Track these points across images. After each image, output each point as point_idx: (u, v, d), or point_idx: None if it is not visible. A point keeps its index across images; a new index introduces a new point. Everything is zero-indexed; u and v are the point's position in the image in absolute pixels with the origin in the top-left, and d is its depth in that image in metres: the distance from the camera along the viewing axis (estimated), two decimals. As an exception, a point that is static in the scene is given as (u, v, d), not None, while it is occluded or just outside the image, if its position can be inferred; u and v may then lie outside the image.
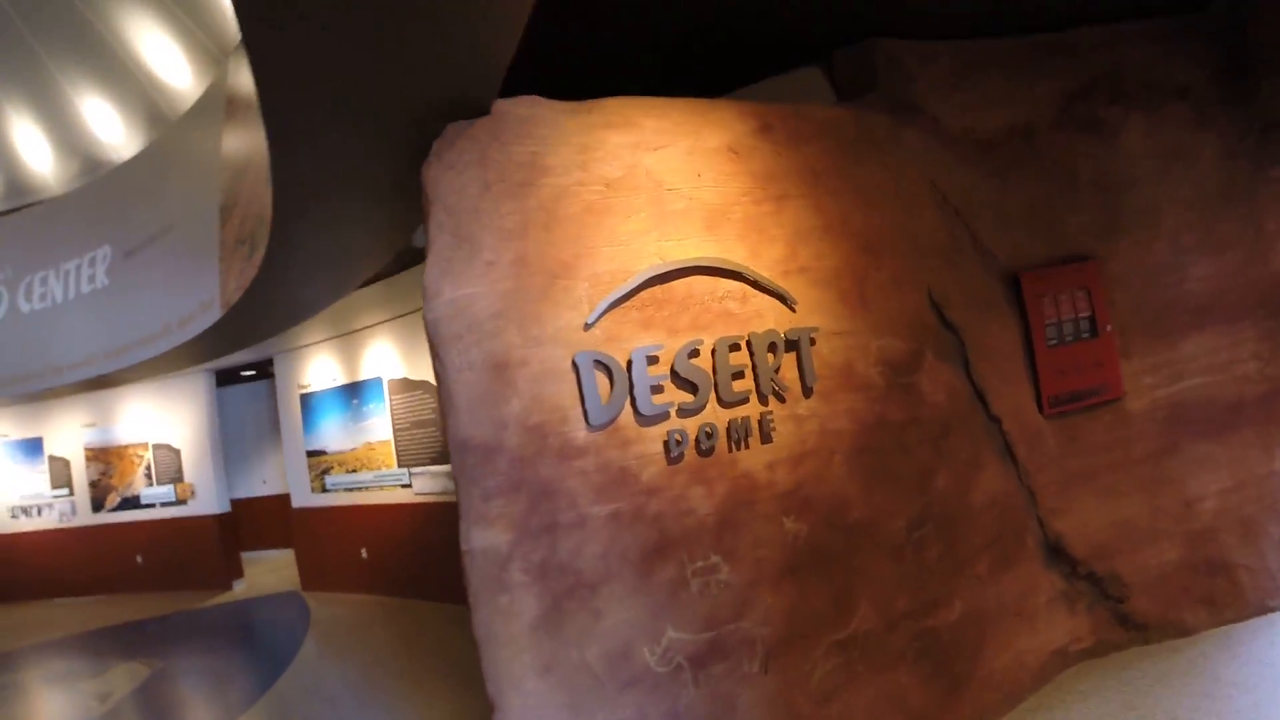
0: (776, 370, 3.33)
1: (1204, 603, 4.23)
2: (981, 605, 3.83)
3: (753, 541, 3.21)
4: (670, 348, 3.16)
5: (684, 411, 3.15)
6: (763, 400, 3.30)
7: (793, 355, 3.40)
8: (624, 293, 3.11)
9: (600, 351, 3.03)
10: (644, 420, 3.08)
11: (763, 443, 3.27)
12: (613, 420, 3.03)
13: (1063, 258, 4.36)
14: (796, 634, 3.26)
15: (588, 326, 3.04)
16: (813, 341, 3.44)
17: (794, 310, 3.45)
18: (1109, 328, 4.35)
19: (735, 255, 3.38)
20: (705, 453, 3.17)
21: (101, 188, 8.78)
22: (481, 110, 3.08)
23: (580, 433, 2.97)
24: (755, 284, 3.38)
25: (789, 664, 3.23)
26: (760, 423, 3.27)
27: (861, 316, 3.62)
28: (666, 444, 3.09)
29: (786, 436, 3.32)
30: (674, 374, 3.15)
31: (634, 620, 2.95)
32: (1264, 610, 4.26)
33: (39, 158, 9.95)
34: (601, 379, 3.03)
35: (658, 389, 3.12)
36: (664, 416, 3.12)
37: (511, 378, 2.91)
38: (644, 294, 3.17)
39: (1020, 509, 4.07)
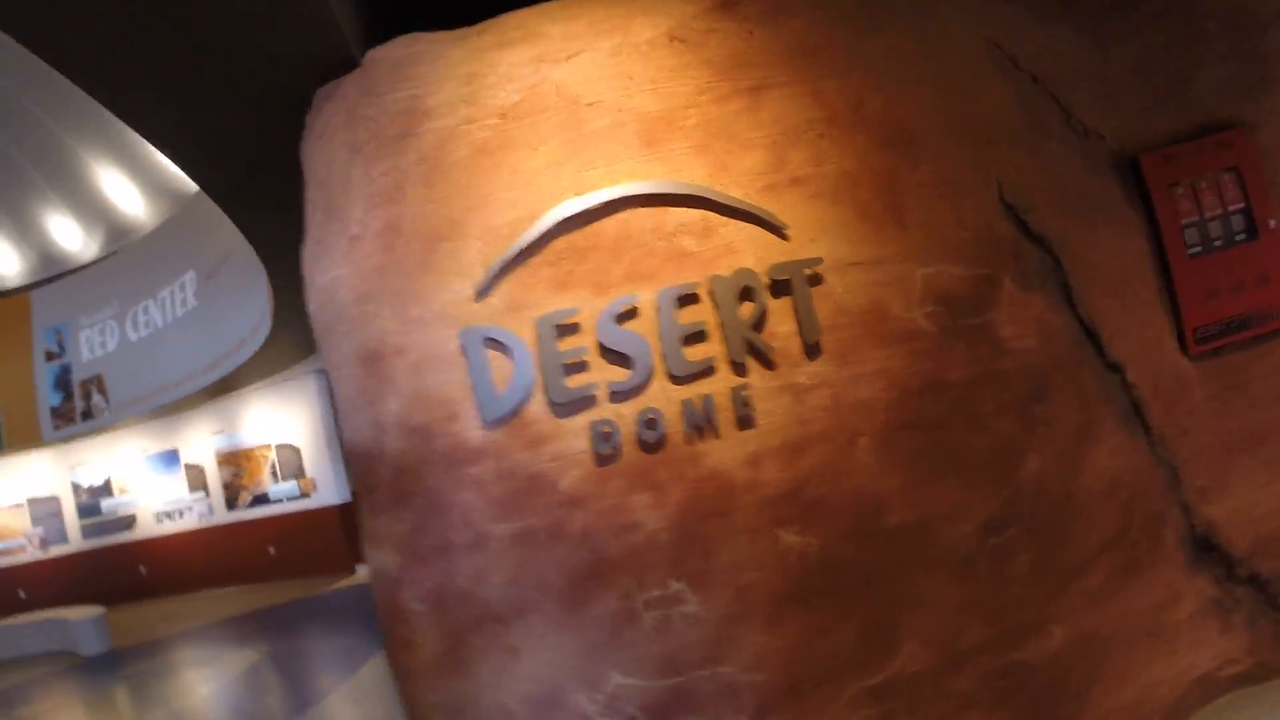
0: (757, 325, 2.17)
1: None
2: (1095, 627, 2.55)
3: (733, 563, 2.16)
4: (592, 310, 2.15)
5: (617, 394, 2.14)
6: (737, 369, 2.16)
7: (787, 301, 2.21)
8: (525, 245, 2.16)
9: (493, 325, 2.13)
10: (560, 410, 2.13)
11: (740, 428, 2.15)
12: (515, 413, 2.12)
13: (1196, 129, 2.85)
14: (807, 680, 2.22)
15: (481, 295, 2.16)
16: (816, 279, 2.25)
17: (786, 238, 2.25)
18: (1273, 223, 2.80)
19: (691, 173, 2.27)
20: (651, 447, 2.13)
21: (181, 219, 8.98)
22: (352, 63, 2.41)
23: (473, 432, 2.14)
24: (723, 209, 2.22)
25: (796, 718, 2.22)
26: (734, 401, 2.12)
27: (895, 237, 2.36)
28: (593, 439, 2.11)
29: (778, 417, 2.18)
30: (601, 345, 2.12)
31: (563, 661, 2.17)
32: None
33: (130, 202, 10.53)
34: (497, 361, 2.13)
35: (577, 367, 2.14)
36: (587, 403, 2.13)
37: (387, 371, 2.20)
38: (558, 244, 2.20)
39: (1155, 492, 2.67)
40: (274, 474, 10.21)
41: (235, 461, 10.49)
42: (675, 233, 2.21)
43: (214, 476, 10.67)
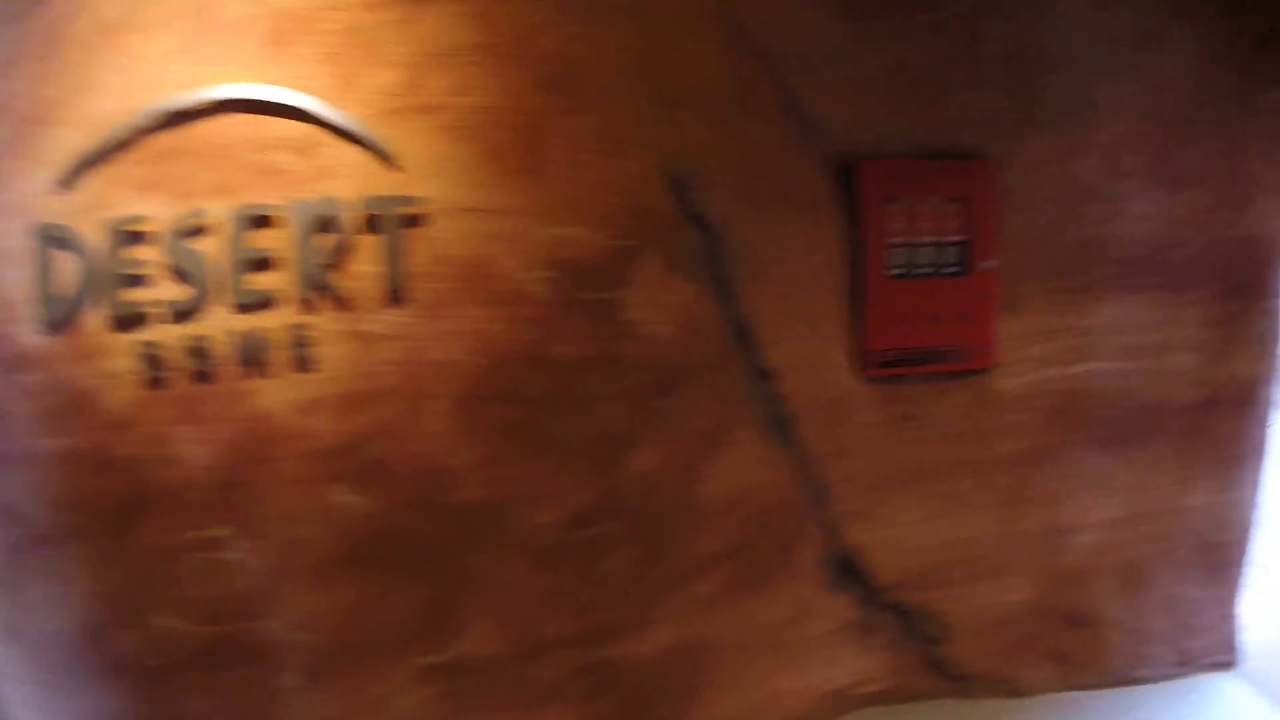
0: (335, 260, 2.38)
1: (1052, 659, 3.42)
2: (705, 634, 2.95)
3: (280, 514, 2.42)
4: (165, 219, 2.34)
5: (171, 315, 2.35)
6: (303, 306, 2.39)
7: (377, 240, 2.43)
8: (116, 139, 2.32)
9: (61, 224, 2.31)
10: (114, 324, 2.32)
11: (296, 371, 2.39)
12: (72, 321, 2.31)
13: (936, 151, 3.19)
14: (361, 646, 2.52)
15: (61, 189, 2.32)
16: (412, 220, 2.46)
17: (398, 169, 2.47)
18: (989, 263, 3.17)
19: (312, 83, 2.44)
20: (199, 377, 2.36)
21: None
22: None
23: (30, 337, 2.32)
24: (331, 128, 2.41)
25: (352, 684, 2.52)
26: (292, 340, 2.35)
27: (527, 189, 2.58)
28: (142, 360, 2.32)
29: (341, 364, 2.42)
30: (164, 259, 2.34)
31: (109, 594, 2.39)
32: (1126, 680, 3.47)
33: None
34: (63, 262, 2.31)
35: (137, 280, 2.33)
36: (140, 320, 2.33)
37: None
38: (155, 143, 2.35)
39: (790, 510, 3.07)
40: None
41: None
42: (273, 147, 2.38)
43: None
